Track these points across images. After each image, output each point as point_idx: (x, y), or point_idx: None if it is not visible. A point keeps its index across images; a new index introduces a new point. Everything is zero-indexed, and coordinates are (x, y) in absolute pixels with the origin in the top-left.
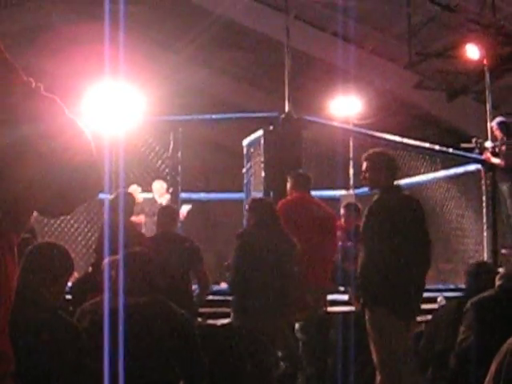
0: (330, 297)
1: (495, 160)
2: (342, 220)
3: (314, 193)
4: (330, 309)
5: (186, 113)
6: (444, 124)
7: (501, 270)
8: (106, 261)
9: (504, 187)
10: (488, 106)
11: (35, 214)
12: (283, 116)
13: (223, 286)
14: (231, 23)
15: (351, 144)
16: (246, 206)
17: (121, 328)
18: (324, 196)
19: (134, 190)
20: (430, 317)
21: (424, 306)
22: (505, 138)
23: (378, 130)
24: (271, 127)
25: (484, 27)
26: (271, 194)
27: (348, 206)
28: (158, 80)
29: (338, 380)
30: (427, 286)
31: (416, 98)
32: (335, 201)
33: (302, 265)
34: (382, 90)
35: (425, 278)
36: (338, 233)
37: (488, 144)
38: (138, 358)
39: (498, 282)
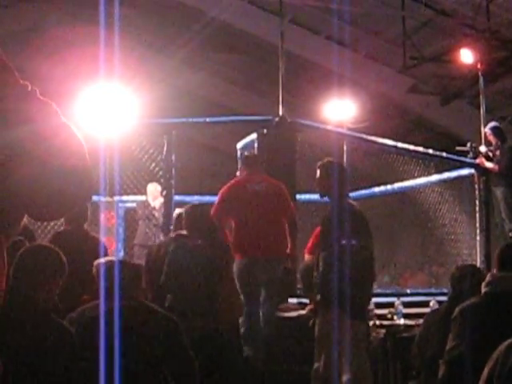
0: None
1: (489, 164)
2: None
3: (307, 196)
4: None
5: (179, 116)
6: (438, 128)
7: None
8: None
9: (498, 192)
10: (482, 111)
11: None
12: (277, 119)
13: None
14: (225, 26)
15: (345, 147)
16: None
17: (103, 335)
18: (318, 200)
19: (154, 188)
20: (421, 321)
21: (417, 310)
22: (499, 143)
23: (372, 134)
24: (265, 130)
25: (478, 32)
26: None
27: None
28: (151, 83)
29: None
30: (420, 290)
31: (410, 102)
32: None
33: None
34: (376, 94)
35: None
36: None
37: (482, 148)
38: (126, 363)
39: (484, 289)
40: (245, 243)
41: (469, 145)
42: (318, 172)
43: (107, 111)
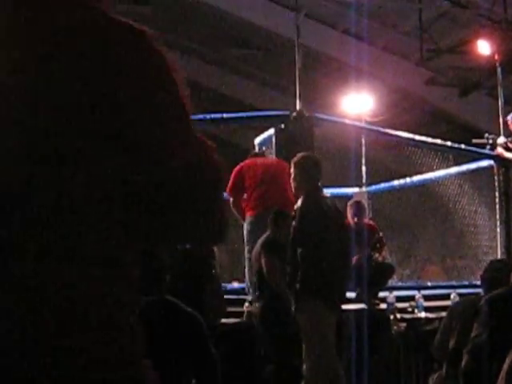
0: None
1: (508, 155)
2: (349, 218)
3: (325, 190)
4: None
5: (196, 112)
6: (457, 120)
7: None
8: None
9: None
10: (500, 102)
11: None
12: (294, 114)
13: (235, 284)
14: (241, 21)
15: (363, 141)
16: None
17: None
18: (336, 194)
19: None
20: (443, 314)
21: (438, 303)
22: None
23: (390, 127)
24: (282, 125)
25: (495, 23)
26: None
27: (351, 205)
28: None
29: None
30: (441, 283)
31: (428, 95)
32: (348, 198)
33: None
34: (393, 87)
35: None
36: None
37: (500, 140)
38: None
39: None
40: (256, 201)
41: (486, 136)
42: (292, 171)
43: None
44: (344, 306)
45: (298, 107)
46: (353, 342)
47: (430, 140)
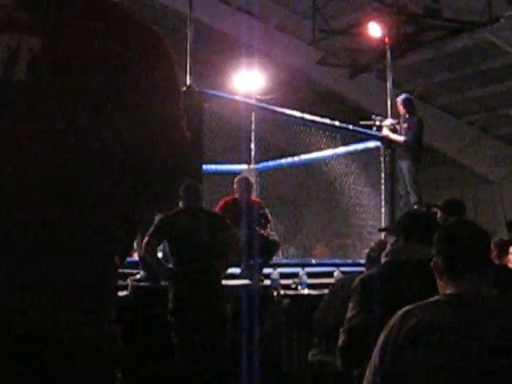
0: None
1: (395, 137)
2: (236, 195)
3: (215, 167)
4: (226, 282)
5: None
6: (346, 101)
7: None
8: None
9: (403, 164)
10: (389, 84)
11: None
12: (184, 89)
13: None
14: None
15: (253, 119)
16: None
17: None
18: (225, 170)
19: None
20: (326, 291)
21: (321, 281)
22: (407, 115)
23: (281, 106)
24: None
25: (386, 6)
26: None
27: (239, 181)
28: None
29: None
30: (325, 261)
31: (319, 75)
32: (237, 175)
33: None
34: (285, 66)
35: None
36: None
37: (387, 121)
38: None
39: (383, 259)
40: None
41: (373, 117)
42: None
43: None
44: (229, 282)
45: (188, 82)
46: (238, 318)
47: (318, 119)
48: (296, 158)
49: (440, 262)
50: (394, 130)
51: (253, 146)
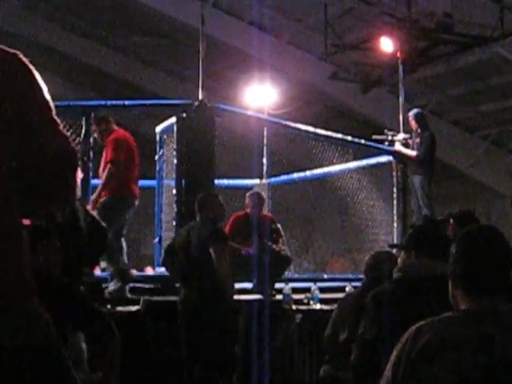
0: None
1: (407, 151)
2: (248, 209)
3: (227, 181)
4: (238, 297)
5: (98, 98)
6: (358, 116)
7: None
8: None
9: (415, 179)
10: (401, 99)
11: None
12: (196, 103)
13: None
14: (147, 8)
15: (265, 133)
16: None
17: None
18: (237, 185)
19: None
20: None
21: (334, 296)
22: (419, 130)
23: (292, 120)
24: (184, 114)
25: (398, 21)
26: (183, 181)
27: (251, 196)
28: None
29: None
30: (337, 276)
31: (331, 89)
32: (249, 190)
33: None
34: (297, 80)
35: None
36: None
37: (399, 136)
38: None
39: (396, 274)
40: None
41: (385, 132)
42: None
43: None
44: (241, 297)
45: (200, 97)
46: (249, 332)
47: (331, 134)
48: (308, 173)
49: (457, 271)
50: (406, 145)
51: (265, 160)
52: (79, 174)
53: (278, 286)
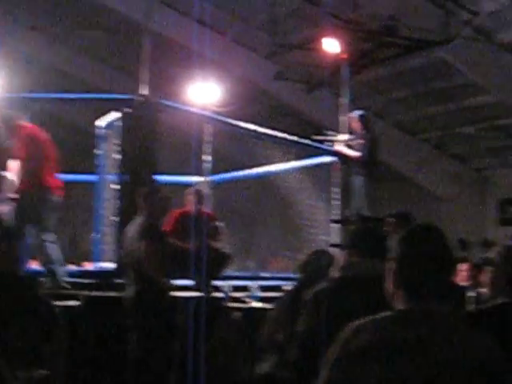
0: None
1: (349, 152)
2: (188, 207)
3: (168, 178)
4: (176, 294)
5: (38, 90)
6: (302, 115)
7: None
8: None
9: (356, 180)
10: (344, 100)
11: None
12: (140, 99)
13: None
14: (93, 2)
15: (208, 131)
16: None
17: None
18: (179, 182)
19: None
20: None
21: (274, 294)
22: (363, 132)
23: (236, 118)
24: (128, 109)
25: (343, 22)
26: (125, 176)
27: (191, 193)
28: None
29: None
30: (278, 275)
31: (275, 89)
32: (190, 187)
33: None
34: (241, 79)
35: None
36: None
37: (340, 137)
38: None
39: (338, 273)
40: None
41: (325, 132)
42: None
43: None
44: (181, 294)
45: (144, 92)
46: (189, 329)
47: (271, 132)
48: (251, 171)
49: (401, 271)
50: (349, 146)
51: (207, 157)
52: None
53: (218, 283)
